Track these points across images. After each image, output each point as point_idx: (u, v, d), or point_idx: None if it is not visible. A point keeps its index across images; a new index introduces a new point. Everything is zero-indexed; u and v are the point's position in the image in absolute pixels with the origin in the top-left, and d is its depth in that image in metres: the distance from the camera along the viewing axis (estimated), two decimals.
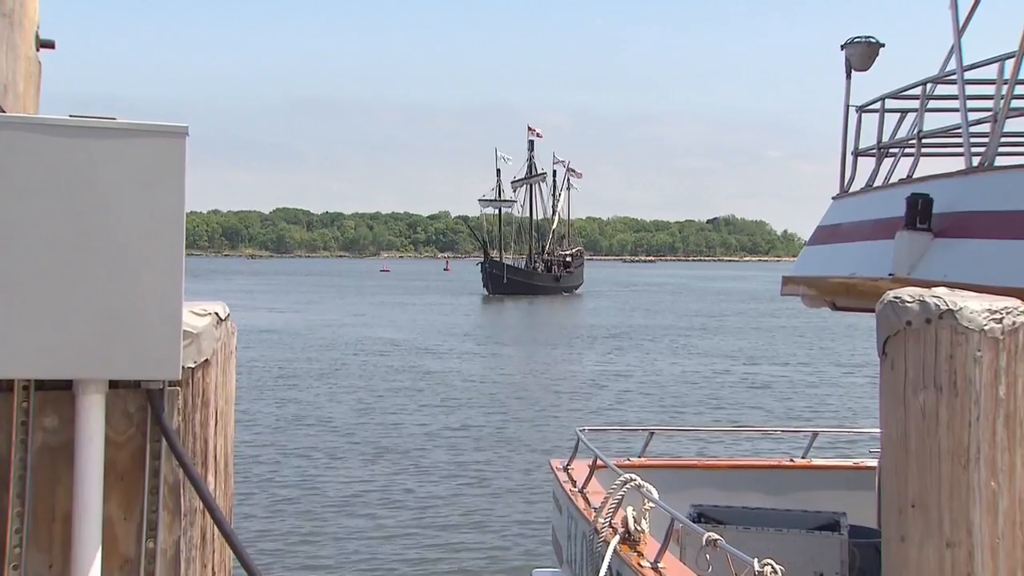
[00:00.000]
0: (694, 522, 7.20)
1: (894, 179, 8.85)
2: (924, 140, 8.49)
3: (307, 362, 35.45)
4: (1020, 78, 7.13)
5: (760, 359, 38.51)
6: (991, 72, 7.59)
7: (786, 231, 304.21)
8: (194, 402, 2.82)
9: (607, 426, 17.74)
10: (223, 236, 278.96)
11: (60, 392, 2.72)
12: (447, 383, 30.68)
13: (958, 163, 7.79)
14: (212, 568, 2.88)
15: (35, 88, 3.26)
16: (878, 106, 9.09)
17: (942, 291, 4.08)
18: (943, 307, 3.94)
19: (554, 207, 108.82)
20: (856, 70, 9.23)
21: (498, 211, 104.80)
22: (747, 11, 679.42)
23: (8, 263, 2.63)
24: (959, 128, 7.76)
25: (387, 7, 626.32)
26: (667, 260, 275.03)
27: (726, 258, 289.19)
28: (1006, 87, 7.15)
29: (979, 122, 7.80)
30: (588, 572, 7.26)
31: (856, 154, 9.49)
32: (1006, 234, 6.47)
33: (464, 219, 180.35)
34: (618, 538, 6.78)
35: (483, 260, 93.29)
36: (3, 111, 2.98)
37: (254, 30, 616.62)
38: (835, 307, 8.59)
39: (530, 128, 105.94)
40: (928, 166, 8.72)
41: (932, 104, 8.86)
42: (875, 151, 9.20)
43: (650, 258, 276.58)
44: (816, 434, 10.28)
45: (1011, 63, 7.12)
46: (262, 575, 2.69)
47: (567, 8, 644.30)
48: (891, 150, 9.24)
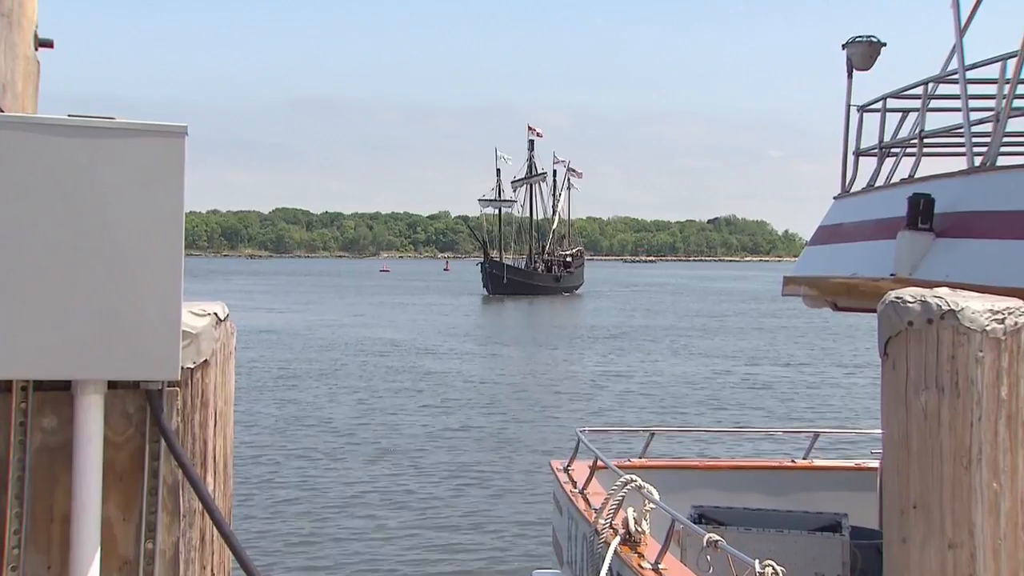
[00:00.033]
0: (695, 523, 7.19)
1: (896, 179, 8.84)
2: (926, 140, 8.48)
3: (307, 362, 35.44)
4: (1022, 78, 7.12)
5: (761, 359, 38.50)
6: (993, 72, 7.59)
7: (787, 231, 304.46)
8: (193, 403, 2.81)
9: (607, 427, 17.73)
10: (222, 236, 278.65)
11: (59, 392, 2.72)
12: (447, 384, 30.67)
13: (960, 163, 7.78)
14: (211, 569, 2.88)
15: (34, 88, 3.26)
16: (880, 106, 9.09)
17: (944, 291, 4.07)
18: (945, 307, 3.92)
19: (554, 207, 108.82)
20: (857, 69, 9.22)
21: (498, 211, 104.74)
22: (747, 11, 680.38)
23: (6, 263, 2.63)
24: (961, 128, 7.75)
25: (387, 7, 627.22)
26: (668, 260, 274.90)
27: (727, 258, 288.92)
28: (1008, 87, 7.14)
29: (981, 122, 7.80)
30: (588, 573, 7.25)
31: (857, 154, 9.48)
32: (1008, 234, 6.46)
33: (464, 219, 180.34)
34: (619, 539, 6.77)
35: (483, 260, 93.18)
36: (2, 111, 2.97)
37: (254, 30, 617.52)
38: (836, 307, 8.59)
39: (530, 128, 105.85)
40: (930, 166, 8.72)
41: (934, 104, 8.85)
42: (877, 151, 9.19)
43: (651, 258, 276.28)
44: (817, 435, 10.28)
45: (1013, 62, 7.11)
46: None
47: (567, 8, 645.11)
48: (893, 150, 9.23)
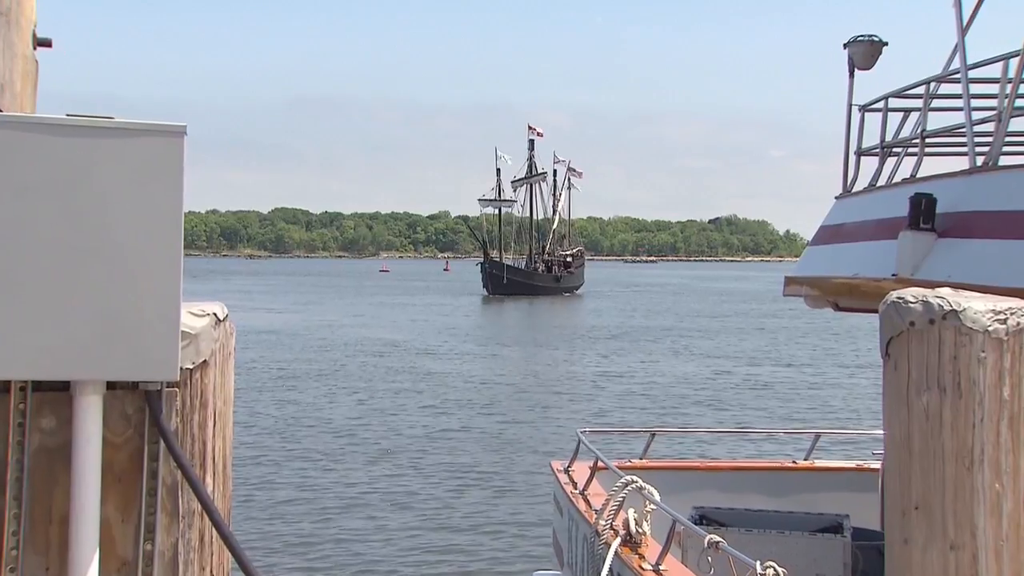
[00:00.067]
0: (696, 524, 7.18)
1: (897, 179, 8.83)
2: (928, 139, 8.47)
3: (306, 363, 35.44)
4: None
5: (762, 360, 38.50)
6: (995, 71, 7.58)
7: (788, 231, 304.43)
8: (192, 403, 2.80)
9: (608, 427, 17.73)
10: (221, 236, 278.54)
11: (57, 393, 2.71)
12: (447, 384, 30.66)
13: (962, 163, 7.77)
14: (211, 570, 2.87)
15: (32, 87, 3.25)
16: (881, 105, 9.08)
17: (946, 292, 4.05)
18: (947, 308, 3.91)
19: (554, 207, 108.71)
20: (859, 69, 9.21)
21: (498, 211, 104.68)
22: (747, 11, 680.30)
23: (5, 263, 2.62)
24: (963, 127, 7.73)
25: (387, 7, 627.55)
26: (669, 260, 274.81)
27: (728, 258, 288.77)
28: (1010, 86, 7.13)
29: (983, 121, 7.78)
30: (589, 574, 7.24)
31: (859, 153, 9.47)
32: (1010, 234, 6.44)
33: (464, 219, 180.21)
34: (619, 540, 6.75)
35: (483, 260, 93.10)
36: (0, 110, 2.96)
37: (254, 30, 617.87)
38: (838, 308, 8.57)
39: (531, 127, 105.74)
40: (932, 166, 8.69)
41: (936, 103, 8.84)
42: (878, 150, 9.18)
43: (651, 258, 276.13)
44: (819, 436, 10.27)
45: (1015, 62, 7.09)
46: None
47: (567, 8, 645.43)
48: (894, 149, 9.22)
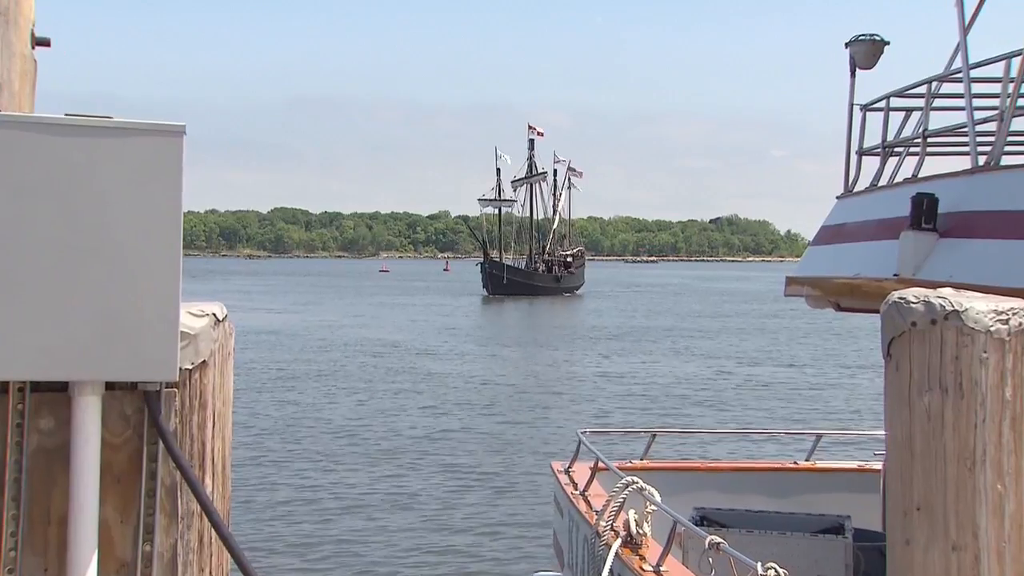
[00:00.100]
0: (697, 525, 7.17)
1: (899, 178, 8.82)
2: (929, 139, 8.46)
3: (306, 363, 35.43)
4: None
5: (763, 360, 38.49)
6: (997, 70, 7.56)
7: (789, 231, 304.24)
8: (191, 404, 2.80)
9: (609, 428, 17.71)
10: (220, 236, 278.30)
11: (56, 394, 2.71)
12: (447, 385, 30.66)
13: (964, 162, 7.77)
14: (210, 571, 2.87)
15: (30, 87, 3.24)
16: (883, 105, 9.07)
17: (947, 292, 4.04)
18: (948, 308, 3.90)
19: (555, 207, 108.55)
20: (860, 68, 9.19)
21: (498, 211, 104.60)
22: (747, 11, 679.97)
23: (3, 263, 2.62)
24: (965, 127, 7.72)
25: (387, 7, 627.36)
26: (669, 260, 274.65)
27: (729, 258, 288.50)
28: (1012, 85, 7.12)
29: (985, 121, 7.77)
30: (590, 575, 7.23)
31: (861, 153, 9.46)
32: (1012, 234, 6.43)
33: (464, 219, 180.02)
34: (620, 541, 6.74)
35: (483, 260, 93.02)
36: None
37: (253, 29, 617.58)
38: (839, 308, 8.56)
39: (531, 127, 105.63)
40: (933, 165, 8.68)
41: (937, 103, 8.83)
42: (880, 150, 9.17)
43: (652, 258, 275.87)
44: (820, 436, 10.27)
45: (1018, 61, 7.09)
46: None
47: (567, 7, 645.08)
48: (896, 149, 9.21)
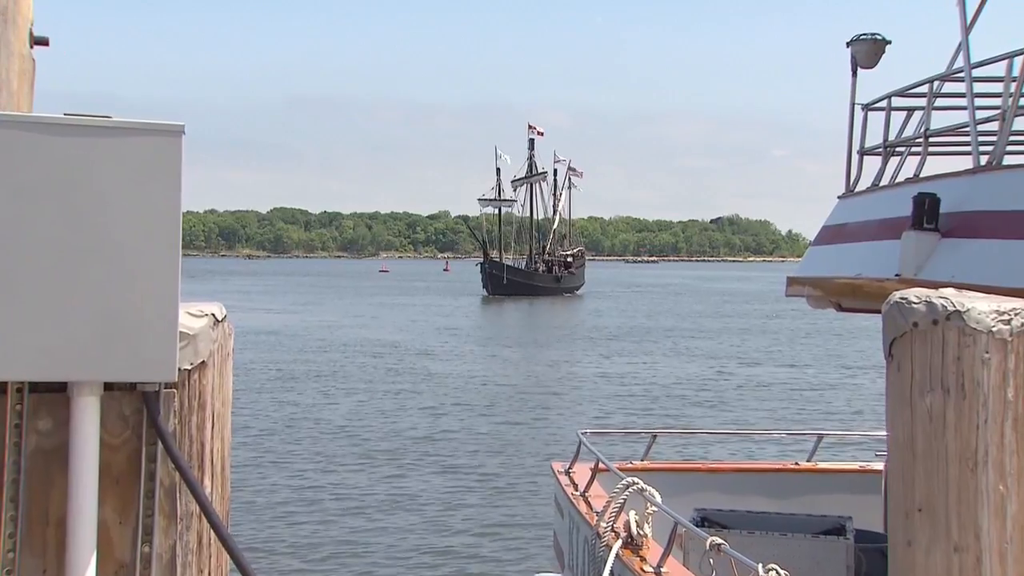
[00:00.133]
0: (697, 526, 7.16)
1: (901, 178, 8.82)
2: (931, 139, 8.45)
3: (305, 364, 35.43)
4: None
5: (764, 361, 38.48)
6: (999, 69, 7.55)
7: (790, 231, 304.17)
8: (190, 404, 2.79)
9: (609, 429, 17.70)
10: (220, 236, 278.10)
11: (54, 394, 2.70)
12: (447, 385, 30.65)
13: (966, 162, 7.76)
14: (209, 573, 2.86)
15: (29, 86, 3.23)
16: (884, 104, 9.06)
17: (949, 292, 4.03)
18: (950, 308, 3.89)
19: (555, 206, 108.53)
20: (862, 68, 9.18)
21: (498, 211, 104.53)
22: (747, 11, 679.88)
23: (1, 263, 2.60)
24: (967, 126, 7.71)
25: (387, 7, 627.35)
26: (670, 260, 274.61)
27: (730, 258, 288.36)
28: (1015, 85, 7.11)
29: (987, 120, 7.76)
30: None
31: (862, 153, 9.45)
32: (1014, 234, 6.43)
33: (464, 219, 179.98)
34: (620, 543, 6.73)
35: (483, 260, 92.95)
36: None
37: (253, 29, 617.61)
38: (840, 308, 8.55)
39: (531, 127, 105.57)
40: (935, 165, 8.68)
41: (939, 102, 8.82)
42: (881, 150, 9.16)
43: (653, 258, 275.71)
44: (821, 437, 10.26)
45: (1020, 60, 7.09)
46: None
47: (567, 7, 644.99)
48: (898, 149, 9.20)
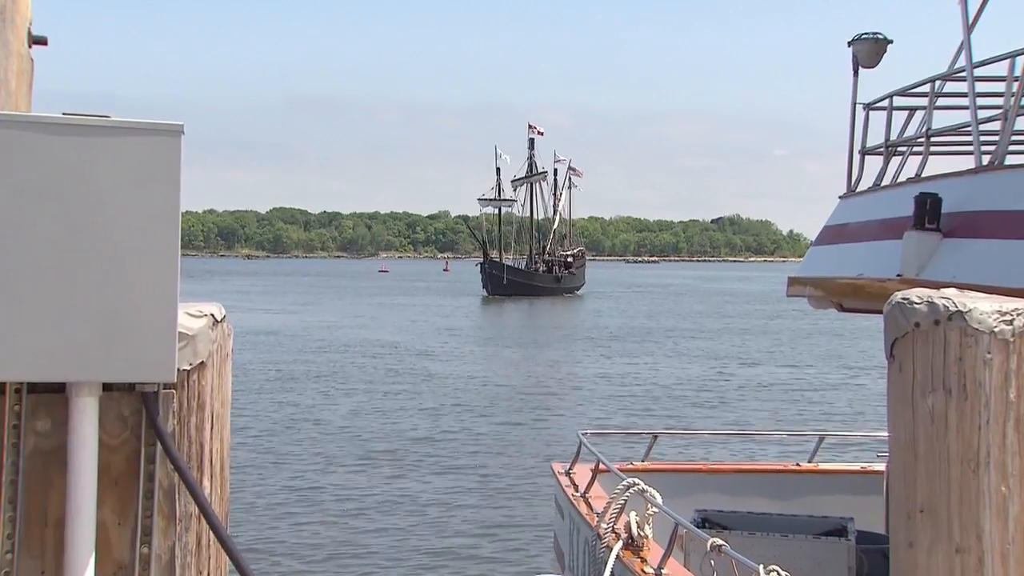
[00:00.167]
0: (698, 527, 7.15)
1: (902, 178, 8.81)
2: (933, 138, 8.44)
3: (304, 364, 35.42)
4: None
5: (765, 361, 38.47)
6: (1001, 69, 7.55)
7: (792, 231, 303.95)
8: (189, 405, 2.78)
9: (610, 429, 17.70)
10: (219, 236, 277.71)
11: (53, 395, 2.69)
12: (447, 386, 30.64)
13: (967, 162, 7.76)
14: (208, 574, 2.86)
15: (27, 86, 3.23)
16: (886, 104, 9.05)
17: (951, 292, 4.02)
18: (952, 308, 3.88)
19: (555, 206, 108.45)
20: (863, 67, 9.17)
21: (498, 211, 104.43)
22: (747, 11, 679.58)
23: (0, 263, 2.58)
24: (969, 126, 7.71)
25: (387, 7, 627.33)
26: (671, 260, 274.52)
27: (731, 258, 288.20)
28: (1017, 84, 7.11)
29: (989, 120, 7.75)
30: None
31: (863, 153, 9.44)
32: (1016, 234, 6.42)
33: (464, 219, 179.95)
34: (621, 543, 6.73)
35: (483, 260, 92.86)
36: None
37: (253, 29, 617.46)
38: (842, 308, 8.54)
39: (531, 126, 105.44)
40: (937, 165, 8.68)
41: (941, 102, 8.81)
42: (883, 149, 9.15)
43: (653, 259, 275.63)
44: (823, 437, 10.26)
45: (1022, 60, 7.07)
46: None
47: (567, 7, 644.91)
48: (899, 148, 9.19)
